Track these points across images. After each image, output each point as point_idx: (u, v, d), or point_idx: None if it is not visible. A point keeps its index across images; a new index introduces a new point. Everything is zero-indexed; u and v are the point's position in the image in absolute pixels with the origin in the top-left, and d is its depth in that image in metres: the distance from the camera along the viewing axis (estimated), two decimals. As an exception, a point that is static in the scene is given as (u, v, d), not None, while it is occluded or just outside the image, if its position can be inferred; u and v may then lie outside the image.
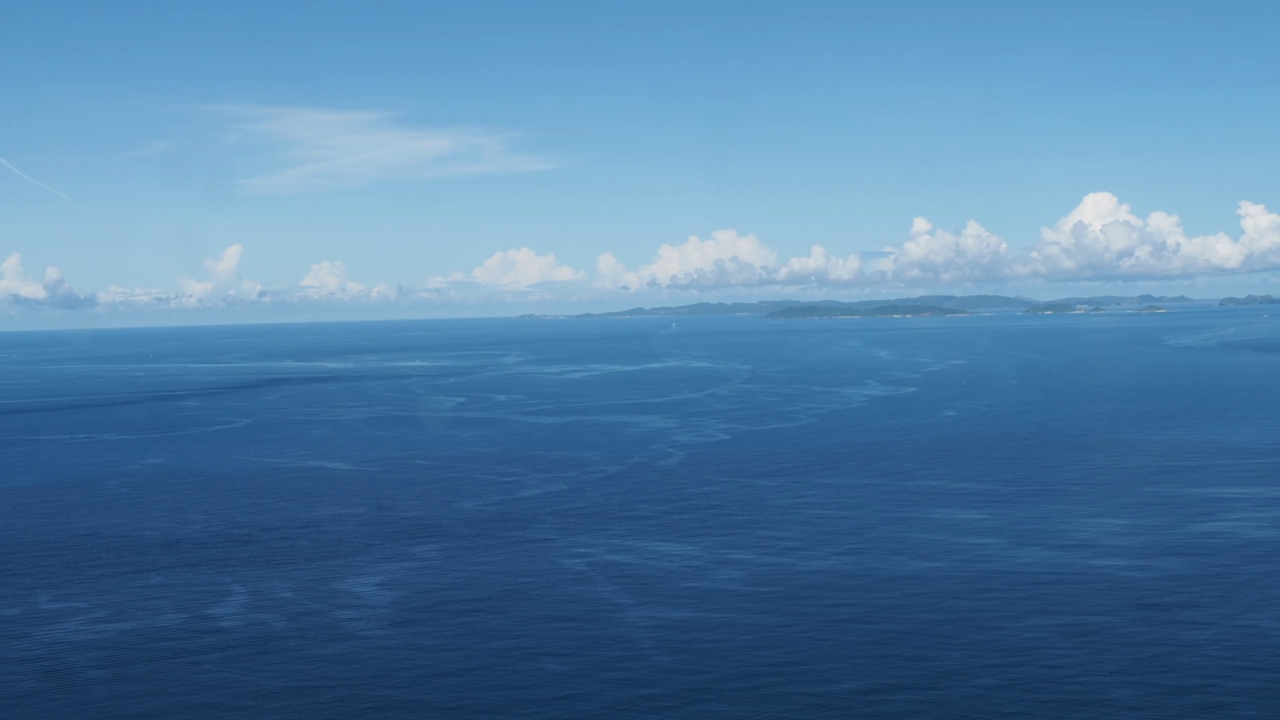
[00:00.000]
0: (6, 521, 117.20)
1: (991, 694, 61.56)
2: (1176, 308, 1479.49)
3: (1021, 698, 60.98)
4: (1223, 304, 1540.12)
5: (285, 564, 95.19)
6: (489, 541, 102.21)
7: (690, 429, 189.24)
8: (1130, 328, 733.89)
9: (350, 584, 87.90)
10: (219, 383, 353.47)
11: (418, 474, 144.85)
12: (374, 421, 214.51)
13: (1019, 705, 60.06)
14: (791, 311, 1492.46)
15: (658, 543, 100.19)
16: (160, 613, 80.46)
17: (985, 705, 60.08)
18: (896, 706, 59.84)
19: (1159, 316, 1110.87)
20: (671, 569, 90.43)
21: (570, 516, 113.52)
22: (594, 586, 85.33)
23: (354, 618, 78.04)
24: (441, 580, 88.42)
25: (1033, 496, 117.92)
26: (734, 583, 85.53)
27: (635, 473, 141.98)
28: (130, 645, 72.64)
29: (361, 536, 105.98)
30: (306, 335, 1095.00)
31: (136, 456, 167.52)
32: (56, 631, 76.42)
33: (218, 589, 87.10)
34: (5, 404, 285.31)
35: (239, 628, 75.99)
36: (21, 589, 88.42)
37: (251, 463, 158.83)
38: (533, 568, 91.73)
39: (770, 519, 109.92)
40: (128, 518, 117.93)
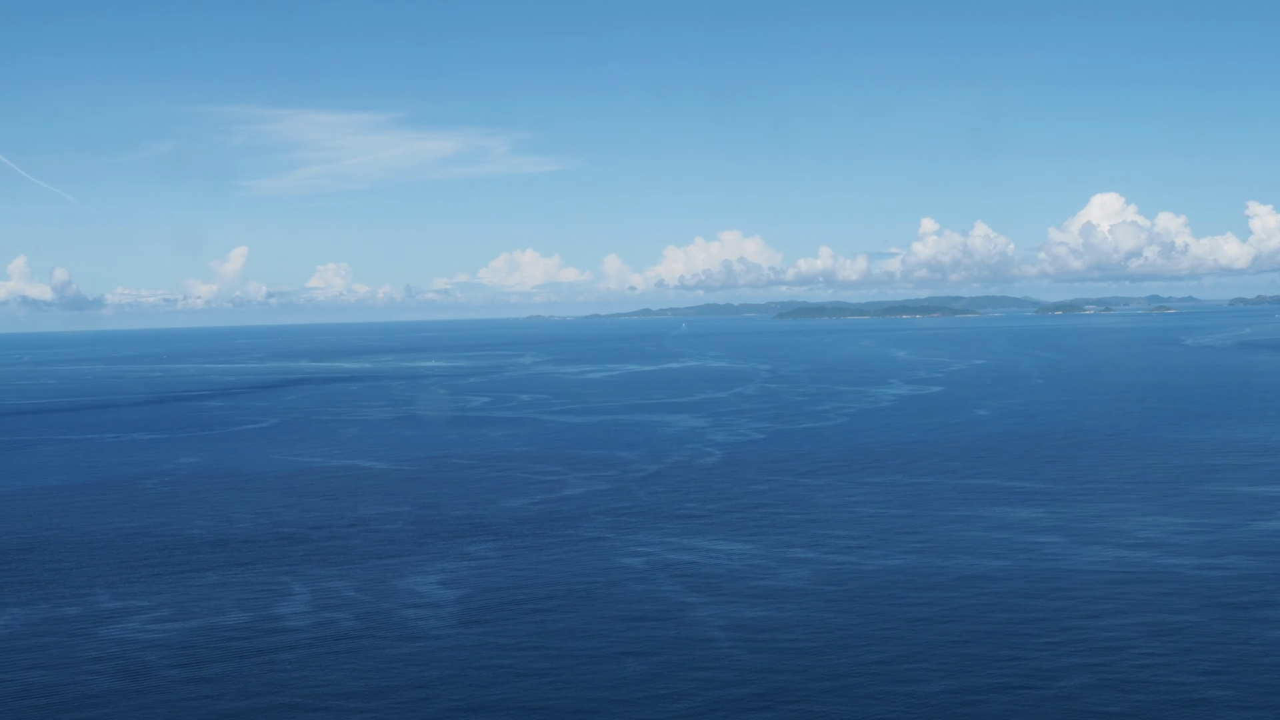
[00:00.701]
0: (53, 520, 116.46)
1: (1086, 693, 60.44)
2: (1186, 308, 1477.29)
3: (1119, 698, 59.88)
4: (1232, 304, 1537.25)
5: (340, 562, 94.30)
6: (543, 540, 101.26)
7: (723, 428, 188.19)
8: (1144, 328, 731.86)
9: (411, 582, 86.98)
10: (238, 383, 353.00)
11: (457, 473, 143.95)
12: (402, 421, 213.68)
13: (1118, 705, 58.96)
14: (800, 312, 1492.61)
15: (714, 541, 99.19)
16: (224, 611, 79.59)
17: (1082, 705, 58.99)
18: (995, 707, 58.75)
19: (1169, 317, 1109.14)
20: (734, 567, 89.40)
21: (620, 515, 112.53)
22: (659, 585, 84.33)
23: (422, 616, 77.09)
24: (503, 579, 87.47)
25: (1084, 495, 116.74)
26: (800, 581, 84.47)
27: (676, 471, 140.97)
28: (202, 644, 71.74)
29: (413, 535, 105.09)
30: (316, 336, 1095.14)
31: (170, 456, 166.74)
32: (123, 630, 75.54)
33: (278, 587, 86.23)
34: (29, 404, 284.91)
35: (308, 627, 75.03)
36: (79, 587, 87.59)
37: (287, 462, 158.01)
38: (593, 566, 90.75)
39: (822, 517, 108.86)
40: (173, 516, 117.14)
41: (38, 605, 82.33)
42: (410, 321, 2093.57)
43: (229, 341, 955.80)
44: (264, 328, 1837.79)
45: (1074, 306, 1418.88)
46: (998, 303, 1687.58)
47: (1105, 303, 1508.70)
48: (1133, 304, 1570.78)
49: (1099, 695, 60.27)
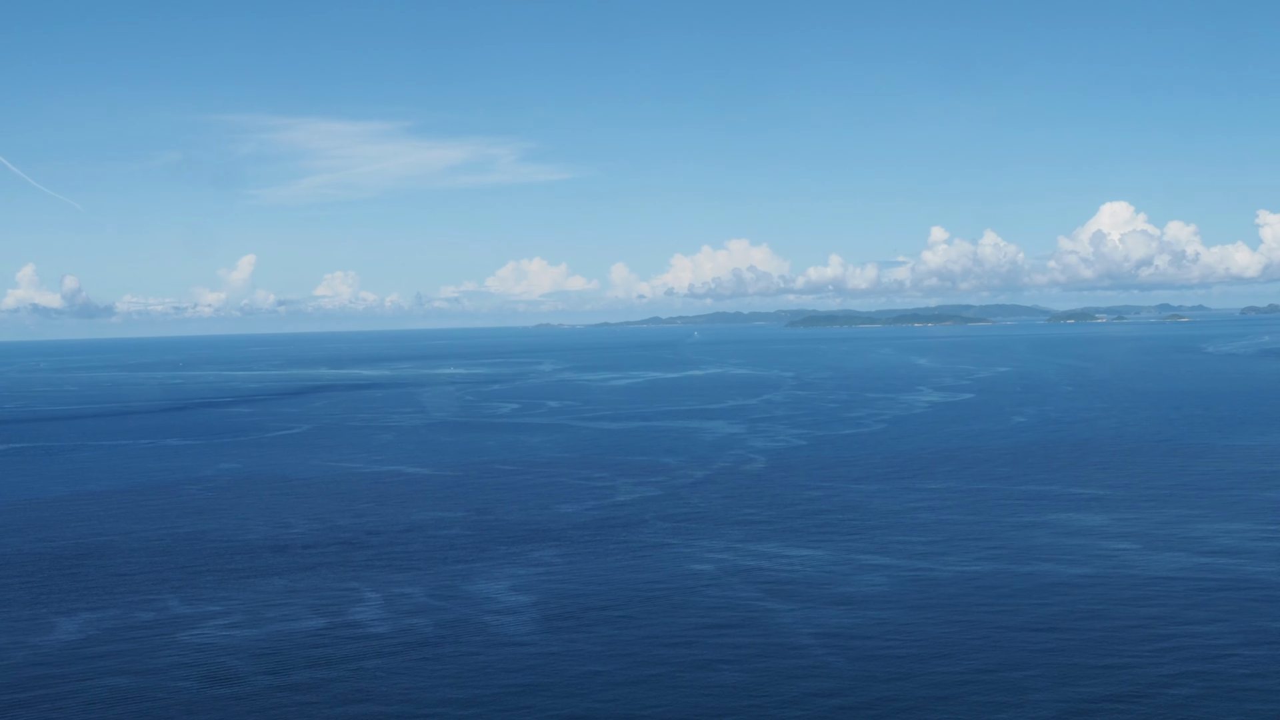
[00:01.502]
0: (105, 525, 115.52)
1: (1199, 703, 58.96)
2: (1197, 317, 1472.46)
3: (1233, 707, 58.38)
4: (1244, 313, 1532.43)
5: (405, 567, 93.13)
6: (605, 545, 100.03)
7: (761, 434, 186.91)
8: (1161, 336, 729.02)
9: (481, 587, 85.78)
10: (261, 390, 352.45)
11: (503, 478, 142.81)
12: (436, 427, 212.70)
13: (1234, 716, 57.57)
14: (811, 320, 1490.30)
15: (781, 547, 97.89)
16: (299, 616, 78.47)
17: (1199, 716, 57.60)
18: (1111, 718, 57.40)
19: (1183, 325, 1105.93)
20: (807, 573, 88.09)
21: (678, 521, 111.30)
22: (735, 591, 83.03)
23: (503, 623, 75.85)
24: (574, 584, 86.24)
25: (1146, 501, 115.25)
26: (878, 587, 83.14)
27: (724, 477, 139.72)
28: (283, 650, 70.59)
29: (472, 540, 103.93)
30: (328, 344, 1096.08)
31: (209, 461, 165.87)
32: (201, 635, 74.44)
33: (347, 592, 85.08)
34: (56, 410, 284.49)
35: (390, 633, 73.80)
36: (146, 592, 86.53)
37: (330, 467, 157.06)
38: (663, 572, 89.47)
39: (885, 523, 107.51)
40: (225, 521, 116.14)
41: (108, 610, 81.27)
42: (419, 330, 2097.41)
43: (242, 349, 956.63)
44: (273, 336, 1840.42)
45: (1085, 315, 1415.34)
46: (1008, 311, 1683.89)
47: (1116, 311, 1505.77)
48: (1143, 312, 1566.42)
49: (1212, 705, 58.81)
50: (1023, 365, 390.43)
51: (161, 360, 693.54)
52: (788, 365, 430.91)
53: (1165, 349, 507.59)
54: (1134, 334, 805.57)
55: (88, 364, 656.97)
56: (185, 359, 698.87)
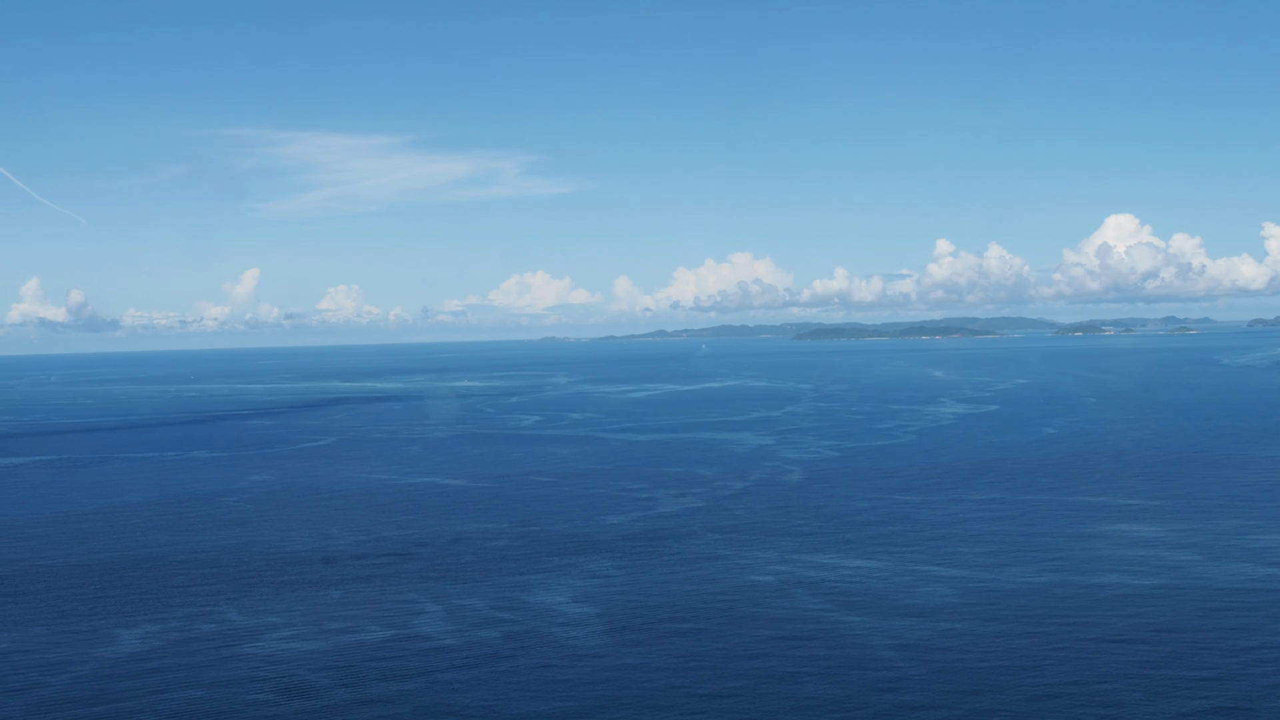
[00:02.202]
0: (147, 536, 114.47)
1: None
2: (1204, 329, 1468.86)
3: (1337, 719, 57.32)
4: (1251, 325, 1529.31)
5: (459, 579, 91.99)
6: (659, 557, 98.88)
7: (792, 446, 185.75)
8: (1173, 348, 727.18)
9: (542, 599, 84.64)
10: (277, 402, 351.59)
11: (541, 490, 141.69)
12: (463, 439, 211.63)
13: (1340, 727, 56.44)
14: (818, 333, 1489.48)
15: (837, 558, 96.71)
16: (363, 628, 77.34)
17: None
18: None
19: (1192, 338, 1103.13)
20: (871, 584, 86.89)
21: (727, 532, 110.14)
22: (802, 602, 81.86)
23: (573, 635, 74.65)
24: (636, 596, 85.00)
25: (1199, 511, 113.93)
26: (947, 598, 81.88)
27: (764, 489, 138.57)
28: (355, 663, 69.48)
29: (523, 551, 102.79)
30: (336, 357, 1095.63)
31: (241, 473, 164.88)
32: (266, 647, 73.33)
33: (407, 603, 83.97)
34: (77, 423, 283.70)
35: (461, 646, 72.60)
36: (202, 603, 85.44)
37: (363, 479, 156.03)
38: (725, 584, 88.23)
39: (938, 534, 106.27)
40: (269, 533, 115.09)
41: (167, 621, 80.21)
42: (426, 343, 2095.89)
43: (250, 362, 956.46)
44: (279, 349, 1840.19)
45: (1093, 327, 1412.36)
46: (1014, 324, 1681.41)
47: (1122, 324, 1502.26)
48: (1149, 325, 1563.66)
49: (1315, 716, 57.67)
50: (1040, 377, 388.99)
51: (170, 374, 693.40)
52: (803, 377, 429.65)
53: (1180, 361, 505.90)
54: (1144, 346, 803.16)
55: (97, 377, 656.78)
56: (194, 372, 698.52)
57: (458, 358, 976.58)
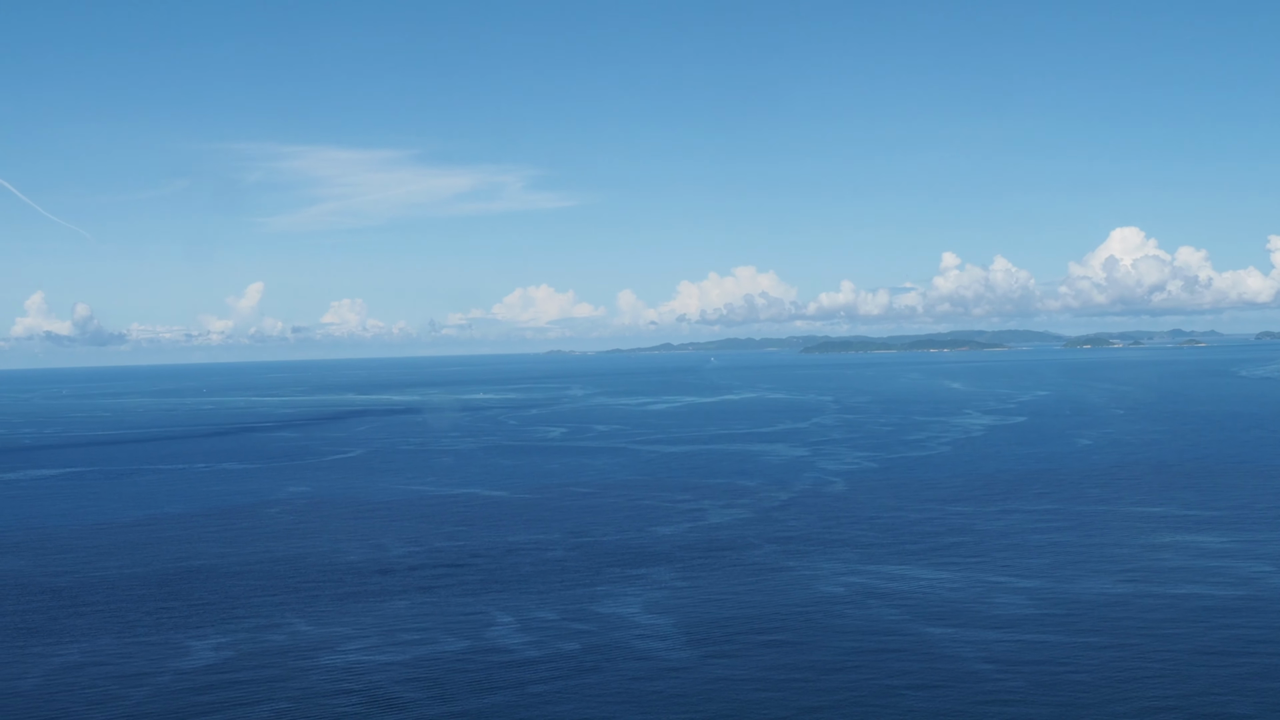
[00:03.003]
0: (196, 547, 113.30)
1: None
2: (1213, 341, 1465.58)
3: None
4: (1259, 338, 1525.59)
5: (523, 589, 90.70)
6: (721, 567, 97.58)
7: (828, 457, 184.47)
8: (1185, 360, 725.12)
9: (613, 610, 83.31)
10: (296, 415, 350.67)
11: (583, 500, 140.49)
12: (493, 450, 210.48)
13: None
14: (825, 346, 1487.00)
15: (902, 569, 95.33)
16: (437, 639, 76.08)
17: None
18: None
19: (1201, 350, 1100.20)
20: (945, 596, 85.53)
21: (784, 542, 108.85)
22: (878, 613, 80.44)
23: (655, 647, 73.31)
24: (709, 608, 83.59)
25: (1263, 522, 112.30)
26: (1025, 610, 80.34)
27: (810, 499, 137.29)
28: (439, 674, 68.15)
29: (580, 561, 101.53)
30: (345, 370, 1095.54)
31: (277, 485, 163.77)
32: (343, 658, 72.08)
33: (475, 614, 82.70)
34: (98, 435, 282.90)
35: (543, 658, 71.24)
36: (267, 614, 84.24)
37: (402, 490, 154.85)
38: (796, 594, 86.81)
39: (999, 544, 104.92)
40: (318, 544, 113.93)
41: (236, 633, 79.01)
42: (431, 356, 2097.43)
43: (258, 376, 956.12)
44: (286, 362, 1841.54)
45: (1101, 340, 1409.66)
46: (1021, 336, 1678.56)
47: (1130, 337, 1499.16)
48: (1156, 338, 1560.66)
49: None
50: (1060, 389, 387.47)
51: (181, 386, 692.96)
52: (822, 390, 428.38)
53: (1196, 374, 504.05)
54: (1155, 359, 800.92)
55: (109, 390, 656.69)
56: (206, 385, 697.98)
57: (466, 371, 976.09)
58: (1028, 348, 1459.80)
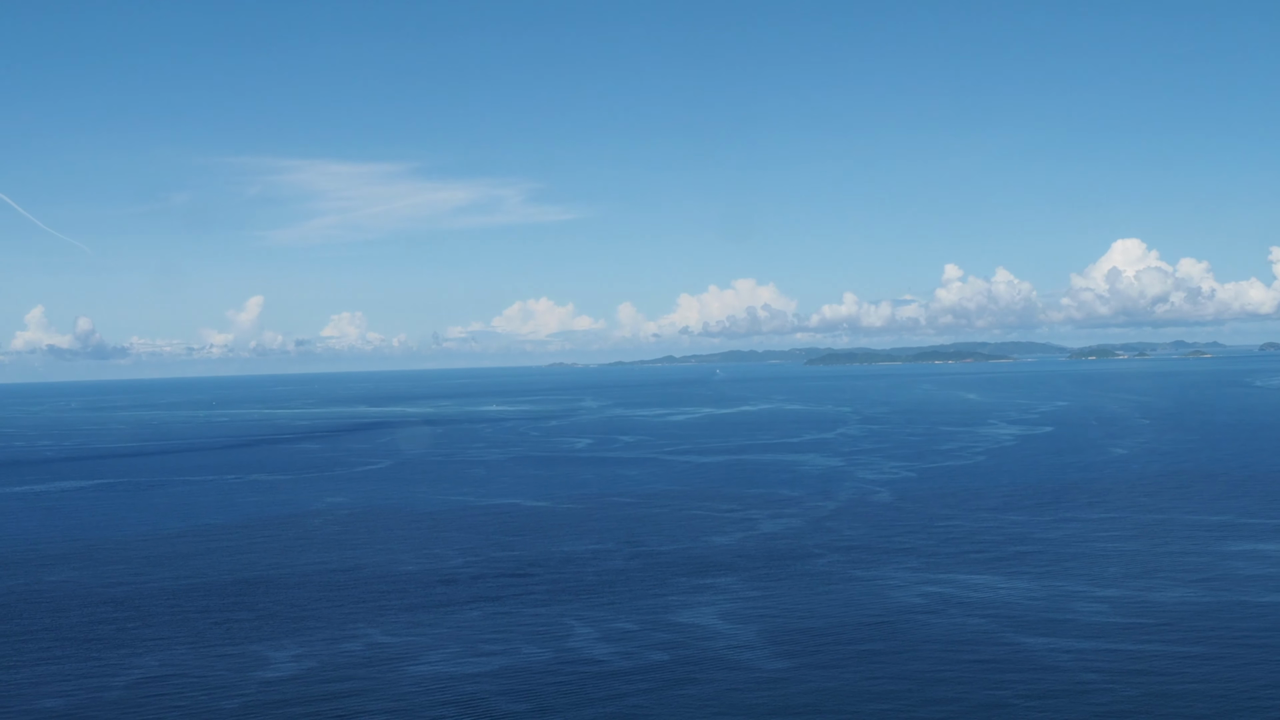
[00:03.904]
0: (249, 558, 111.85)
1: None
2: (1217, 353, 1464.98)
3: None
4: (1263, 349, 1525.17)
5: (593, 599, 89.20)
6: (788, 577, 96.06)
7: (864, 466, 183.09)
8: (1195, 371, 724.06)
9: (691, 619, 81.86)
10: (313, 427, 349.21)
11: (629, 510, 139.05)
12: (524, 461, 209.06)
13: None
14: (830, 358, 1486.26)
15: (972, 576, 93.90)
16: (521, 649, 74.62)
17: None
18: None
19: (1207, 361, 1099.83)
20: (1030, 605, 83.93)
21: (845, 551, 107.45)
22: (962, 622, 78.99)
23: (747, 657, 71.84)
24: (790, 618, 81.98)
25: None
26: (1115, 618, 78.81)
27: (859, 508, 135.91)
28: (534, 685, 66.78)
29: (643, 571, 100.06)
30: (350, 383, 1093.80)
31: (314, 496, 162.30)
32: (430, 668, 70.56)
33: (553, 624, 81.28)
34: (118, 448, 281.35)
35: (637, 668, 69.77)
36: (338, 623, 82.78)
37: (442, 501, 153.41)
38: (874, 603, 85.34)
39: (1065, 552, 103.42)
40: (371, 554, 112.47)
41: (311, 643, 77.55)
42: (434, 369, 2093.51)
43: (265, 389, 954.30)
44: (289, 375, 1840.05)
45: (1105, 351, 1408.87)
46: (1024, 348, 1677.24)
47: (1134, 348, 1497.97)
48: (1159, 349, 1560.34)
49: None
50: (1077, 400, 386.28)
51: (189, 400, 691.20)
52: (838, 401, 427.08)
53: (1210, 384, 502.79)
54: (1164, 370, 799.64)
55: (117, 404, 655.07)
56: (215, 399, 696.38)
57: (472, 383, 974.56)
58: (1032, 359, 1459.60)
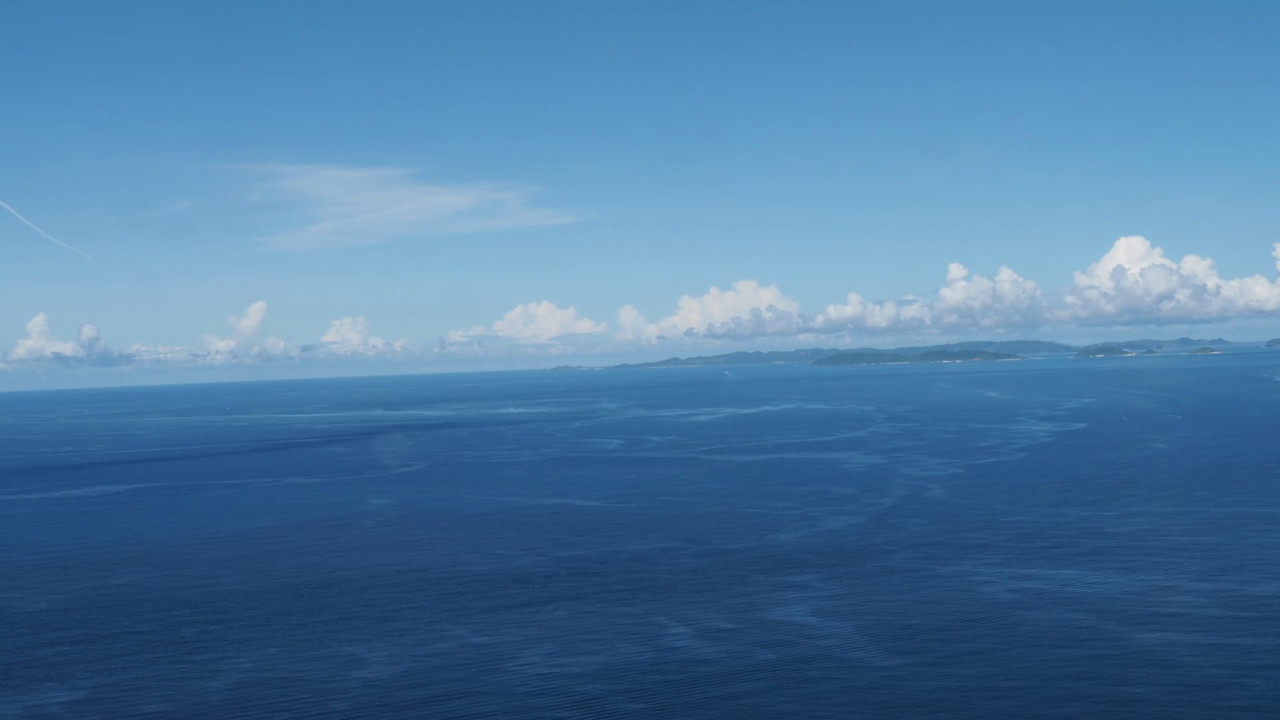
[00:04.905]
0: (312, 559, 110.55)
1: None
2: (1225, 349, 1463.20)
3: None
4: (1270, 345, 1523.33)
5: (677, 596, 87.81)
6: (872, 575, 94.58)
7: (909, 464, 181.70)
8: (1209, 368, 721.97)
9: (783, 616, 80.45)
10: (335, 430, 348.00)
11: (684, 509, 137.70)
12: (559, 462, 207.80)
13: None
14: (837, 359, 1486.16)
15: (1056, 570, 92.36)
16: (617, 647, 73.26)
17: None
18: None
19: (1218, 358, 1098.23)
20: (1125, 598, 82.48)
21: (919, 547, 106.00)
22: (1068, 617, 77.31)
23: (859, 656, 70.34)
24: (886, 615, 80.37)
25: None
26: (1219, 610, 77.40)
27: (916, 505, 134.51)
28: (648, 683, 65.41)
29: (717, 569, 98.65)
30: (359, 388, 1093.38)
31: (358, 498, 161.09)
32: (532, 665, 69.18)
33: (643, 621, 79.87)
34: (146, 453, 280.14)
35: (748, 668, 68.37)
36: (424, 623, 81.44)
37: (489, 502, 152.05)
38: (969, 599, 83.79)
39: (1141, 545, 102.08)
40: (435, 555, 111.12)
41: (403, 643, 76.16)
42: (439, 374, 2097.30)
43: (274, 394, 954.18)
44: (295, 381, 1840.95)
45: (1113, 349, 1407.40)
46: (1029, 347, 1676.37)
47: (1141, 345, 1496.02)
48: (1164, 346, 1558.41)
49: None
50: (1101, 397, 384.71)
51: (201, 405, 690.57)
52: (858, 400, 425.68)
53: (1230, 380, 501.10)
54: (1176, 367, 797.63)
55: (130, 410, 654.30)
56: (227, 404, 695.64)
57: (481, 386, 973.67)
58: (1039, 358, 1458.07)
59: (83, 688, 68.45)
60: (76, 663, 74.19)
